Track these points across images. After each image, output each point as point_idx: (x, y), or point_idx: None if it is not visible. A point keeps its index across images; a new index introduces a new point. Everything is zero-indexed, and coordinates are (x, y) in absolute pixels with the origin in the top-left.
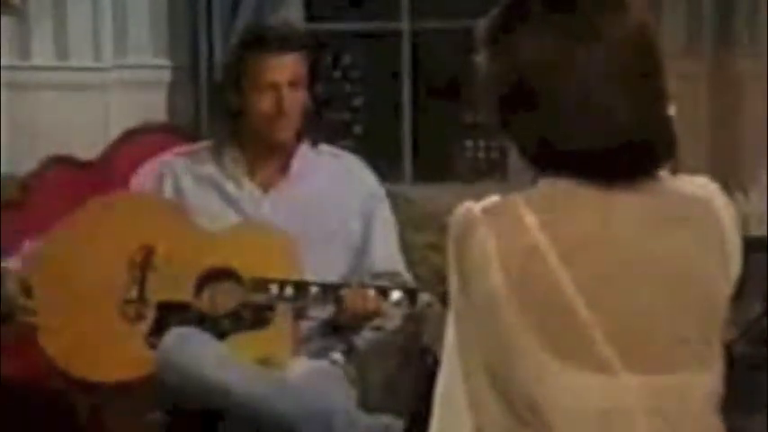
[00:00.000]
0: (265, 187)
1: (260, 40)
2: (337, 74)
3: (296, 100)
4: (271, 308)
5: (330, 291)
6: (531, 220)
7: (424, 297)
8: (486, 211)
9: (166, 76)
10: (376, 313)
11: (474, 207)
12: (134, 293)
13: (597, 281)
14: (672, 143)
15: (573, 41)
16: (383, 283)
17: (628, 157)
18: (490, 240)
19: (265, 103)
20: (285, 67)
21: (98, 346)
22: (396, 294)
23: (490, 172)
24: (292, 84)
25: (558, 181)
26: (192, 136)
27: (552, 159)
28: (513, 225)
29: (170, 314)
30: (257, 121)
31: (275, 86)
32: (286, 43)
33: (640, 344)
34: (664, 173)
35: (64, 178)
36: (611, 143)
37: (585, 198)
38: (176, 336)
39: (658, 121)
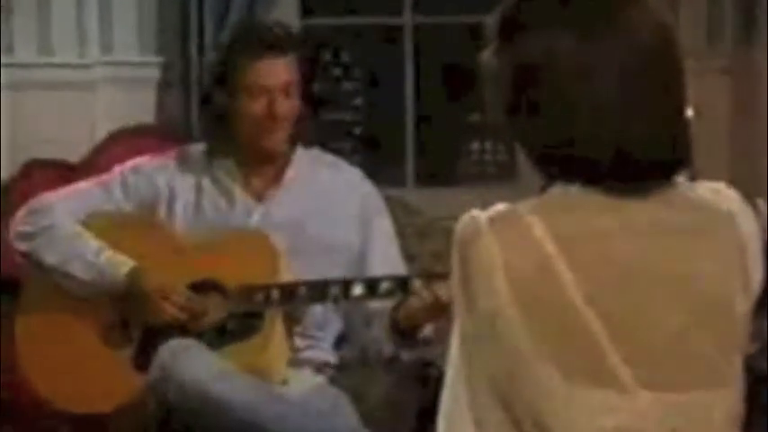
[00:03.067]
0: (258, 197)
1: (252, 42)
2: (336, 72)
3: (289, 106)
4: (258, 315)
5: (317, 289)
6: (540, 229)
7: (384, 285)
8: (492, 220)
9: (155, 73)
10: None
11: (480, 216)
12: (117, 317)
13: (610, 294)
14: (688, 148)
15: (586, 39)
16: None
17: (642, 162)
18: (496, 251)
19: (257, 108)
20: (278, 72)
21: (81, 374)
22: (357, 289)
23: (498, 175)
24: (286, 89)
25: (568, 188)
26: (183, 137)
27: (562, 164)
28: (520, 235)
29: (156, 334)
30: (247, 128)
31: (268, 91)
32: (280, 46)
33: (655, 360)
34: (680, 179)
35: (47, 182)
36: (625, 147)
37: (597, 206)
38: (174, 348)
39: (675, 125)
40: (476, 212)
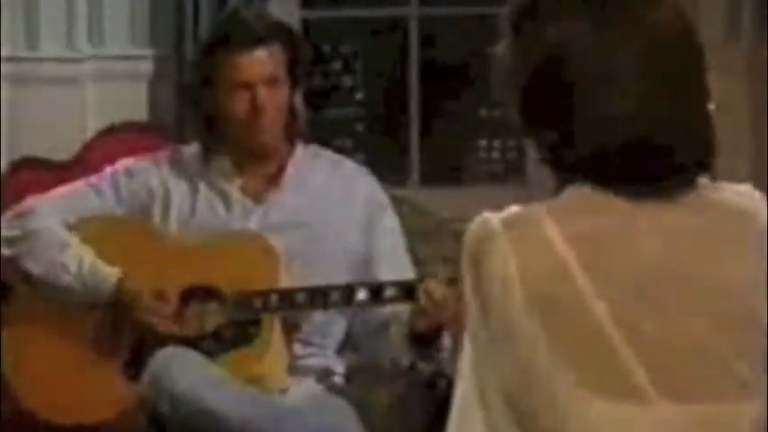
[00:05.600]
0: (256, 198)
1: (226, 36)
2: (336, 65)
3: (275, 99)
4: (256, 322)
5: (318, 295)
6: (556, 233)
7: (389, 291)
8: (505, 223)
9: (148, 67)
10: None
11: (492, 219)
12: (107, 323)
13: (630, 301)
14: (711, 147)
15: (604, 32)
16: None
17: (661, 162)
18: (511, 257)
19: (241, 105)
20: (257, 64)
21: (69, 384)
22: (361, 294)
23: (506, 174)
24: (269, 81)
25: (584, 189)
26: (177, 135)
27: (578, 163)
28: (536, 240)
29: (148, 341)
30: (234, 126)
31: (249, 86)
32: (256, 37)
33: (678, 370)
34: (703, 180)
35: (35, 181)
36: (643, 146)
37: (616, 209)
38: (167, 357)
39: (697, 122)
40: (488, 215)
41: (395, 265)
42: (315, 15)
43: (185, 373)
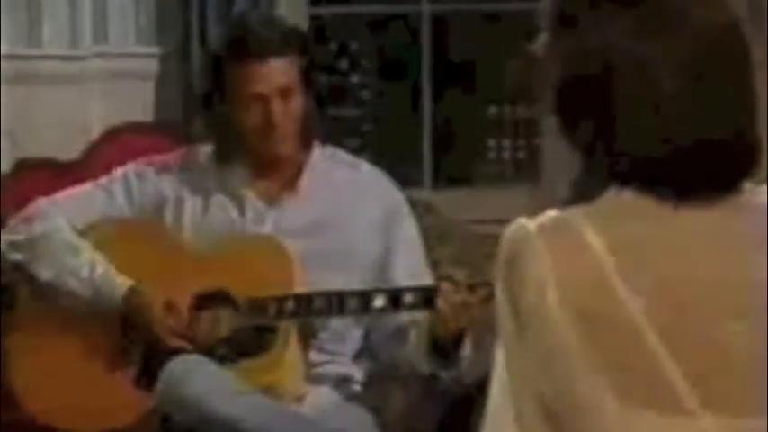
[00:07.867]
0: (271, 201)
1: (238, 47)
2: (344, 63)
3: (289, 110)
4: (271, 329)
5: (334, 301)
6: (594, 239)
7: (408, 297)
8: (542, 228)
9: (154, 66)
10: None
11: (528, 224)
12: (118, 331)
13: (670, 310)
14: (756, 151)
15: (647, 32)
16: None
17: (708, 165)
18: (547, 263)
19: (253, 117)
20: (271, 76)
21: (79, 392)
22: (379, 301)
23: (517, 175)
24: (283, 92)
25: (624, 193)
26: (184, 136)
27: (620, 168)
28: (573, 245)
29: (160, 349)
30: (248, 136)
31: (262, 98)
32: (269, 48)
33: (721, 382)
34: (747, 185)
35: (39, 183)
36: (685, 149)
37: (658, 215)
38: (181, 365)
39: (744, 123)
40: (524, 220)
41: (412, 270)
42: (323, 12)
43: (199, 381)
